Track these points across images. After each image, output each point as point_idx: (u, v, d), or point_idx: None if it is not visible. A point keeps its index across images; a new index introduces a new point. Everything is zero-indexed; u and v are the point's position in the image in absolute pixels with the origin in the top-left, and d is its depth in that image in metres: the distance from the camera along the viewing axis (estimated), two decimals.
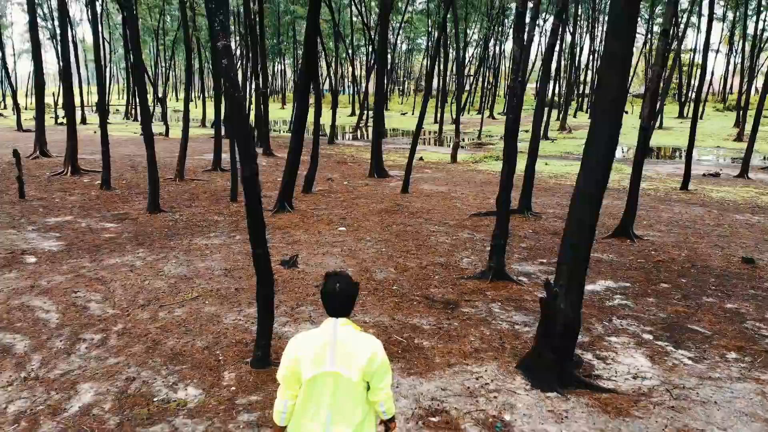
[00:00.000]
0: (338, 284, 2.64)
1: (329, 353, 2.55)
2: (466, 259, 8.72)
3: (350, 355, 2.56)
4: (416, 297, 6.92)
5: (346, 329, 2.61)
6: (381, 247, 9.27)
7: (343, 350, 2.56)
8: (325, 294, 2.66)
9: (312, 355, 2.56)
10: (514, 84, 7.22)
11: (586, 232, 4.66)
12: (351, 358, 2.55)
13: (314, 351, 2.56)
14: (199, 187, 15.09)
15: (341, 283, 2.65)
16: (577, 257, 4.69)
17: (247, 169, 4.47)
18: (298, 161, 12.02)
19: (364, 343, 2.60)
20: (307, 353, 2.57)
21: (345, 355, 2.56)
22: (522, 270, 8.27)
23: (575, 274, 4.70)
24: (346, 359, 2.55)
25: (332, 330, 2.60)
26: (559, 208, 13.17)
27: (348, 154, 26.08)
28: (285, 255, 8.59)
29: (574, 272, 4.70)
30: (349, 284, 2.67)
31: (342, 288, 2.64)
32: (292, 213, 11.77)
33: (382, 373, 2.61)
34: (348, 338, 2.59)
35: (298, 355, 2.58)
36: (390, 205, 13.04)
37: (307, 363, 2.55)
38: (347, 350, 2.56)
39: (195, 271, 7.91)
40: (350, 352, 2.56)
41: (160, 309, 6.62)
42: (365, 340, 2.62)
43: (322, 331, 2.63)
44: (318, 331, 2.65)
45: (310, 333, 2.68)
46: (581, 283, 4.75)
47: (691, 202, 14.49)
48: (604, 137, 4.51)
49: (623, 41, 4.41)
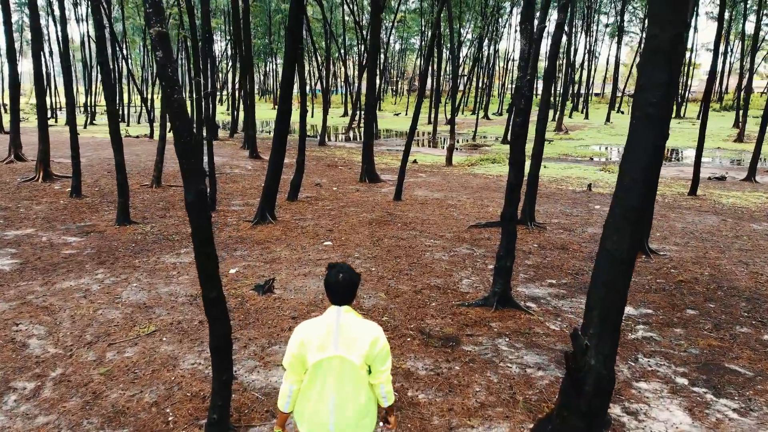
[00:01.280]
0: (341, 274, 2.76)
1: (333, 338, 2.67)
2: (466, 280, 7.76)
3: (353, 339, 2.67)
4: (410, 331, 5.94)
5: (348, 316, 2.73)
6: (371, 265, 8.29)
7: (347, 335, 2.68)
8: (328, 284, 2.77)
9: (317, 340, 2.67)
10: (521, 83, 6.27)
11: (623, 267, 3.70)
12: (354, 343, 2.67)
13: (319, 337, 2.67)
14: (177, 195, 14.06)
15: (343, 272, 2.77)
16: (612, 299, 3.73)
17: (191, 190, 3.47)
18: (281, 167, 11.03)
19: (366, 328, 2.73)
20: (313, 339, 2.67)
21: (348, 340, 2.67)
22: (529, 293, 7.31)
23: (609, 321, 3.74)
24: (350, 344, 2.66)
25: (335, 316, 2.72)
26: (563, 217, 12.23)
27: (339, 156, 25.09)
28: (261, 277, 7.60)
29: (608, 318, 3.74)
30: (351, 274, 2.79)
31: (344, 278, 2.76)
32: (274, 224, 10.77)
33: (383, 358, 2.72)
34: (351, 324, 2.71)
35: (304, 341, 2.68)
36: (381, 214, 12.06)
37: (312, 348, 2.66)
38: (350, 335, 2.68)
39: (156, 298, 6.91)
40: (353, 337, 2.67)
41: (109, 348, 5.62)
42: (367, 326, 2.74)
43: (326, 318, 2.74)
44: (322, 318, 2.76)
45: (315, 320, 2.78)
46: (616, 332, 3.79)
47: (703, 210, 13.60)
48: (646, 149, 3.55)
49: (670, 29, 3.45)
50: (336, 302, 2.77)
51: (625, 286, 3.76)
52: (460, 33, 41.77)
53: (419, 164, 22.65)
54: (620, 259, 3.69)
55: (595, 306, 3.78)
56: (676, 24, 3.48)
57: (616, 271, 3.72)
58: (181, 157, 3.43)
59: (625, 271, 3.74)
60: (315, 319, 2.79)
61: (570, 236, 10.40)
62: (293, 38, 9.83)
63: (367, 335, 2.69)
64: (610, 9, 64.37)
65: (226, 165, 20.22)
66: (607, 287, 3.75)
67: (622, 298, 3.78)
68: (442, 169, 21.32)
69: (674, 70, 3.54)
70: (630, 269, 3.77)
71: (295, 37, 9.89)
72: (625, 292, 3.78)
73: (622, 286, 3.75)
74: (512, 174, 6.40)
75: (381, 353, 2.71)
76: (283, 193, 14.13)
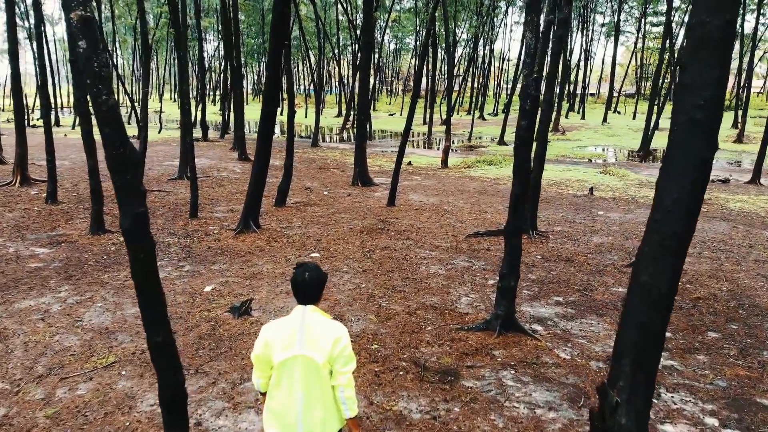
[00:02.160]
0: (307, 273, 2.74)
1: (298, 337, 2.66)
2: (465, 297, 7.08)
3: (317, 339, 2.66)
4: (403, 362, 5.26)
5: (314, 315, 2.73)
6: (360, 281, 7.60)
7: (311, 334, 2.67)
8: (294, 283, 2.75)
9: (281, 340, 2.67)
10: (527, 81, 5.59)
11: (662, 305, 3.04)
12: (317, 342, 2.65)
13: (283, 336, 2.68)
14: (158, 200, 13.34)
15: (310, 272, 2.75)
16: (647, 345, 3.06)
17: (127, 214, 2.78)
18: (265, 172, 10.33)
19: (330, 328, 2.70)
20: (277, 338, 2.68)
21: (312, 339, 2.66)
22: (534, 314, 6.64)
23: (643, 371, 3.07)
24: (313, 343, 2.66)
25: (301, 316, 2.72)
26: (566, 224, 11.58)
27: (331, 158, 24.39)
28: (239, 296, 6.90)
29: (642, 367, 3.07)
30: (318, 273, 2.77)
31: (311, 276, 2.74)
32: (257, 233, 10.07)
33: (345, 358, 2.67)
34: (315, 323, 2.70)
35: (268, 341, 2.69)
36: (374, 222, 11.37)
37: (277, 348, 2.67)
38: (314, 334, 2.67)
39: (121, 321, 6.21)
40: (317, 336, 2.66)
41: (60, 383, 4.92)
42: (332, 326, 2.72)
43: (292, 318, 2.74)
44: (288, 318, 2.76)
45: (281, 320, 2.77)
46: (651, 384, 3.12)
47: (711, 215, 12.98)
48: (692, 162, 2.89)
49: (722, 14, 2.79)
50: (302, 301, 2.77)
51: (662, 329, 3.10)
52: (455, 33, 41.12)
53: (414, 166, 21.99)
54: (658, 295, 3.03)
55: (626, 353, 3.11)
56: (728, 7, 2.82)
57: (652, 310, 3.06)
58: (114, 172, 2.74)
59: (663, 311, 3.07)
60: (281, 319, 2.80)
61: (575, 246, 9.74)
62: (277, 34, 9.12)
63: (330, 334, 2.67)
64: (606, 8, 63.92)
65: (214, 167, 19.49)
66: (642, 330, 3.08)
67: (659, 343, 3.12)
68: (438, 172, 20.66)
69: (725, 65, 2.88)
70: (669, 308, 3.10)
71: (280, 34, 9.18)
72: (662, 336, 3.11)
73: (659, 329, 3.09)
74: (517, 183, 5.73)
75: (342, 353, 2.67)
76: (271, 198, 13.44)
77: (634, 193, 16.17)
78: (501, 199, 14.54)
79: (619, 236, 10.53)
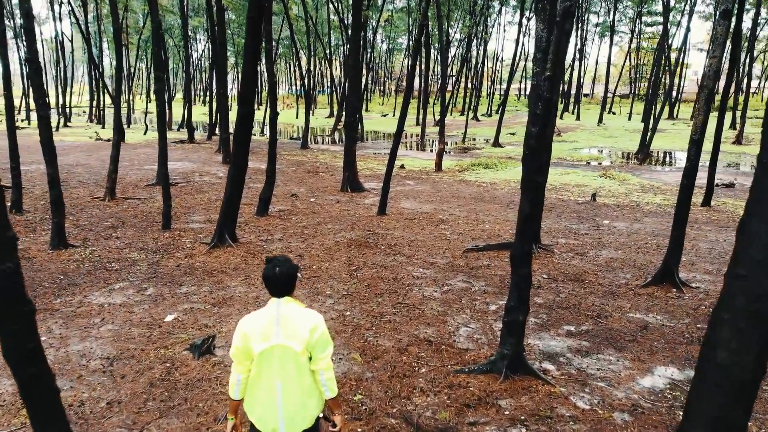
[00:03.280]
0: (277, 268, 2.78)
1: (275, 328, 2.74)
2: (465, 328, 6.21)
3: (294, 328, 2.74)
4: (391, 419, 4.38)
5: (289, 306, 2.80)
6: (345, 307, 6.72)
7: (287, 324, 2.75)
8: (266, 278, 2.80)
9: (260, 331, 2.74)
10: (537, 80, 4.73)
11: (744, 393, 2.19)
12: (295, 331, 2.73)
13: (261, 327, 2.75)
14: (132, 209, 12.39)
15: (280, 266, 2.78)
16: None
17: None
18: (242, 180, 9.42)
19: (306, 316, 2.79)
20: (256, 330, 2.74)
21: (289, 329, 2.74)
22: (545, 348, 5.79)
23: None
24: (291, 332, 2.73)
25: (276, 307, 2.78)
26: (570, 236, 10.74)
27: (321, 161, 23.49)
28: (203, 328, 6.00)
29: None
30: (288, 267, 2.81)
31: (281, 271, 2.78)
32: (234, 248, 9.16)
33: (323, 344, 2.77)
34: (291, 313, 2.78)
35: (247, 333, 2.75)
36: (363, 233, 10.49)
37: (256, 339, 2.73)
38: (291, 324, 2.75)
39: (63, 361, 5.30)
40: (294, 326, 2.74)
41: None
42: (308, 314, 2.81)
43: (268, 309, 2.81)
44: (264, 310, 2.82)
45: (257, 312, 2.84)
46: None
47: (722, 224, 12.18)
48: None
49: None
50: (276, 294, 2.81)
51: (744, 426, 2.24)
52: (448, 33, 40.29)
53: (407, 170, 21.13)
54: (740, 380, 2.18)
55: None
56: None
57: (731, 399, 2.21)
58: None
59: (746, 400, 2.22)
60: (257, 312, 2.85)
61: (583, 263, 8.89)
62: (254, 28, 8.22)
63: (307, 323, 2.75)
64: (600, 8, 63.35)
65: (196, 171, 18.55)
66: (717, 426, 2.23)
67: None
68: (432, 176, 19.80)
69: None
70: (753, 396, 2.25)
71: (256, 27, 8.28)
72: None
73: (740, 426, 2.23)
74: (526, 201, 4.86)
75: (320, 340, 2.76)
76: (253, 206, 12.54)
77: (637, 199, 15.38)
78: (499, 207, 13.70)
79: (630, 250, 9.70)
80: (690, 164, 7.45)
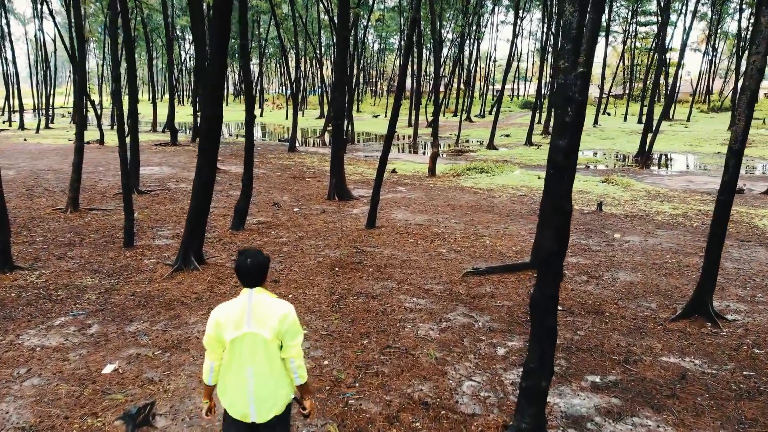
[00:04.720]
0: (249, 260, 2.90)
1: (246, 316, 2.85)
2: (469, 382, 5.08)
3: (265, 316, 2.85)
4: None
5: (260, 296, 2.91)
6: (324, 353, 5.59)
7: (259, 313, 2.85)
8: (238, 269, 2.92)
9: (232, 319, 2.85)
10: (566, 79, 3.64)
11: None
12: (266, 320, 2.84)
13: (234, 316, 2.86)
14: (94, 223, 11.19)
15: (251, 258, 2.91)
16: None
17: None
18: (209, 193, 8.27)
19: (277, 306, 2.90)
20: (228, 319, 2.86)
21: (260, 318, 2.85)
22: (567, 409, 4.68)
23: None
24: (262, 321, 2.84)
25: (248, 297, 2.90)
26: (581, 253, 9.65)
27: (309, 165, 22.35)
28: (147, 383, 4.85)
29: None
30: (260, 258, 2.93)
31: (252, 263, 2.90)
32: (199, 272, 8.00)
33: (293, 333, 2.89)
34: (262, 302, 2.89)
35: (220, 321, 2.86)
36: (349, 251, 9.37)
37: (228, 327, 2.84)
38: (262, 313, 2.86)
39: None
40: (265, 315, 2.85)
41: None
42: (278, 304, 2.92)
43: (240, 299, 2.91)
44: (236, 300, 2.93)
45: (230, 302, 2.96)
46: None
47: (742, 238, 11.16)
48: None
49: None
50: (248, 285, 2.91)
51: None
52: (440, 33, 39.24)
53: (399, 174, 20.03)
54: None
55: None
56: None
57: None
58: None
59: None
60: (229, 302, 2.95)
61: (599, 288, 7.80)
62: (221, 19, 7.07)
63: (277, 312, 2.87)
64: None
65: (173, 178, 17.33)
66: None
67: None
68: (425, 181, 18.71)
69: None
70: None
71: (224, 18, 7.13)
72: None
73: None
74: (548, 238, 3.76)
75: (290, 329, 2.88)
76: (228, 218, 11.39)
77: (645, 207, 14.34)
78: (498, 218, 12.61)
79: (649, 272, 8.62)
80: (729, 178, 6.36)
